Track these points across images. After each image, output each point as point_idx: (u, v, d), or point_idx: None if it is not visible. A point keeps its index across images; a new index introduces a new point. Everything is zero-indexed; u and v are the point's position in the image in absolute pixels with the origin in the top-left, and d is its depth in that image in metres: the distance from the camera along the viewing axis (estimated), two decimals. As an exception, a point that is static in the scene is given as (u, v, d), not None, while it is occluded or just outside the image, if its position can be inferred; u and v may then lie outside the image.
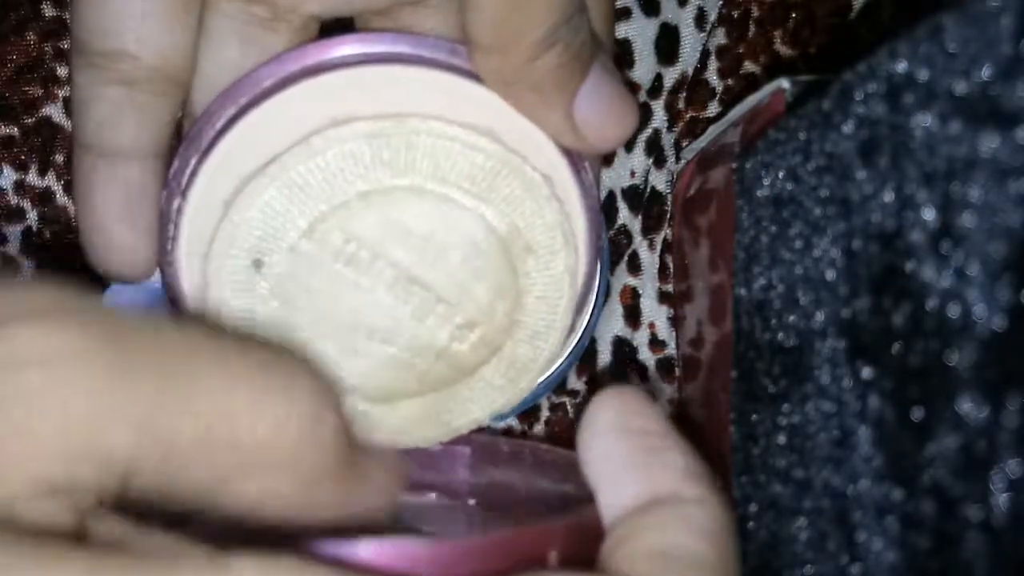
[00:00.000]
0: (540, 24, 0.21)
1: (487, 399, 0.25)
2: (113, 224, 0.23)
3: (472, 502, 0.26)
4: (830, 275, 0.20)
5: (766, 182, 0.24)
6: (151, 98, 0.23)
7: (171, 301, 0.24)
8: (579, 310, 0.25)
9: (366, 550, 0.18)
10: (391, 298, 0.23)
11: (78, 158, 0.23)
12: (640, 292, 0.32)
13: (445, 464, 0.27)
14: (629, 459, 0.20)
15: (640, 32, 0.32)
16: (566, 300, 0.24)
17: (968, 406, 0.16)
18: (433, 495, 0.26)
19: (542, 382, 0.26)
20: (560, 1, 0.21)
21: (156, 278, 0.24)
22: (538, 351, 0.25)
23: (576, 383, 0.32)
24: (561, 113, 0.22)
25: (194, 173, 0.22)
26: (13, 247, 0.31)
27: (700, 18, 0.32)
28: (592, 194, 0.24)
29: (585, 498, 0.20)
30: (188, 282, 0.23)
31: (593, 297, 0.26)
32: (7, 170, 0.31)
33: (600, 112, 0.23)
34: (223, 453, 0.17)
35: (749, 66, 0.32)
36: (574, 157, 0.24)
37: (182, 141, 0.23)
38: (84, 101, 0.23)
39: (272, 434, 0.17)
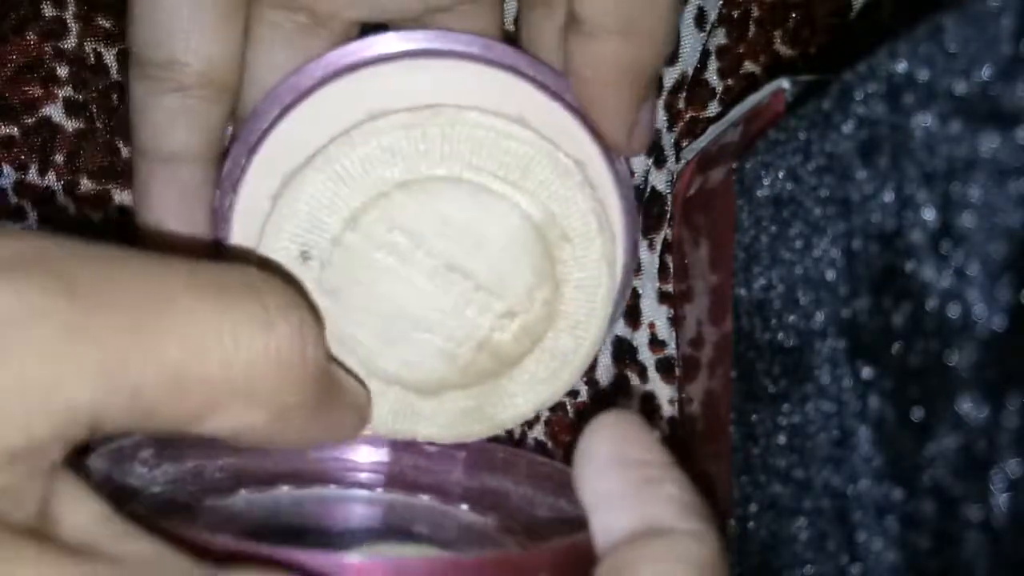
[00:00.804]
0: (665, 18, 0.22)
1: (531, 392, 0.25)
2: (169, 223, 0.24)
3: (464, 507, 0.26)
4: (830, 275, 0.20)
5: (766, 182, 0.24)
6: (202, 104, 0.24)
7: None
8: (620, 299, 0.26)
9: (356, 564, 0.18)
10: (432, 287, 0.24)
11: (136, 164, 0.25)
12: (640, 292, 0.32)
13: (440, 466, 0.27)
14: (625, 489, 0.20)
15: (640, 32, 0.32)
16: (604, 289, 0.25)
17: (968, 406, 0.16)
18: (426, 497, 0.26)
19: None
20: (674, 16, 0.22)
21: None
22: (579, 341, 0.25)
23: (576, 383, 0.32)
24: (645, 110, 0.23)
25: (243, 171, 0.23)
26: (13, 247, 0.31)
27: (700, 18, 0.32)
28: (627, 183, 0.25)
29: (577, 518, 0.21)
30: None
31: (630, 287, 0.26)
32: (7, 170, 0.31)
33: (648, 124, 0.24)
34: (195, 391, 0.17)
35: (749, 66, 0.32)
36: (608, 147, 0.25)
37: (232, 142, 0.24)
38: (140, 110, 0.24)
39: (249, 369, 0.17)
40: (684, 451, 0.32)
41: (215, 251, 0.24)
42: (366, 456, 0.27)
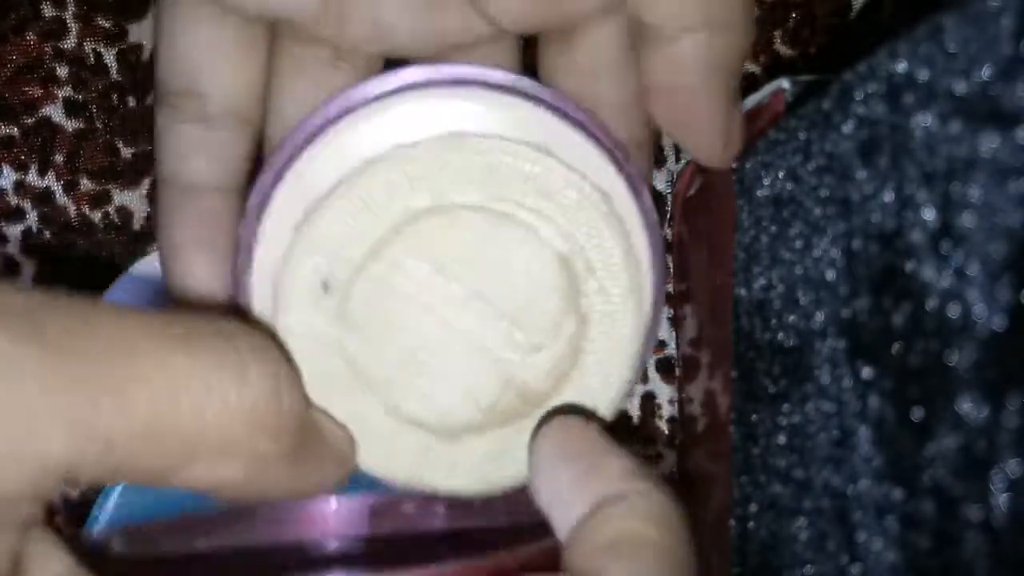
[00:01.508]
0: (744, 4, 0.21)
1: None
2: (189, 252, 0.24)
3: (441, 510, 0.26)
4: (830, 275, 0.20)
5: (766, 182, 0.24)
6: (224, 134, 0.24)
7: None
8: (650, 335, 0.24)
9: None
10: (455, 317, 0.23)
11: (159, 192, 0.25)
12: (640, 292, 0.32)
13: (421, 522, 0.26)
14: (573, 480, 0.21)
15: (640, 32, 0.32)
16: (631, 325, 0.23)
17: (968, 406, 0.16)
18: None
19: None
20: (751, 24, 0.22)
21: (155, 265, 0.24)
22: (607, 379, 0.24)
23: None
24: (737, 111, 0.23)
25: (267, 200, 0.23)
26: (13, 247, 0.31)
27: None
28: (652, 216, 0.24)
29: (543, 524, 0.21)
30: (259, 308, 0.23)
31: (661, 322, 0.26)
32: (7, 170, 0.31)
33: (742, 123, 0.23)
34: (168, 442, 0.16)
35: (749, 66, 0.32)
36: (634, 179, 0.24)
37: (258, 173, 0.24)
38: (162, 139, 0.24)
39: (222, 419, 0.17)
40: (684, 451, 0.32)
41: (234, 282, 0.24)
42: (342, 526, 0.25)
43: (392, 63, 0.25)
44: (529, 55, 0.26)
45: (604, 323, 0.23)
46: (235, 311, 0.23)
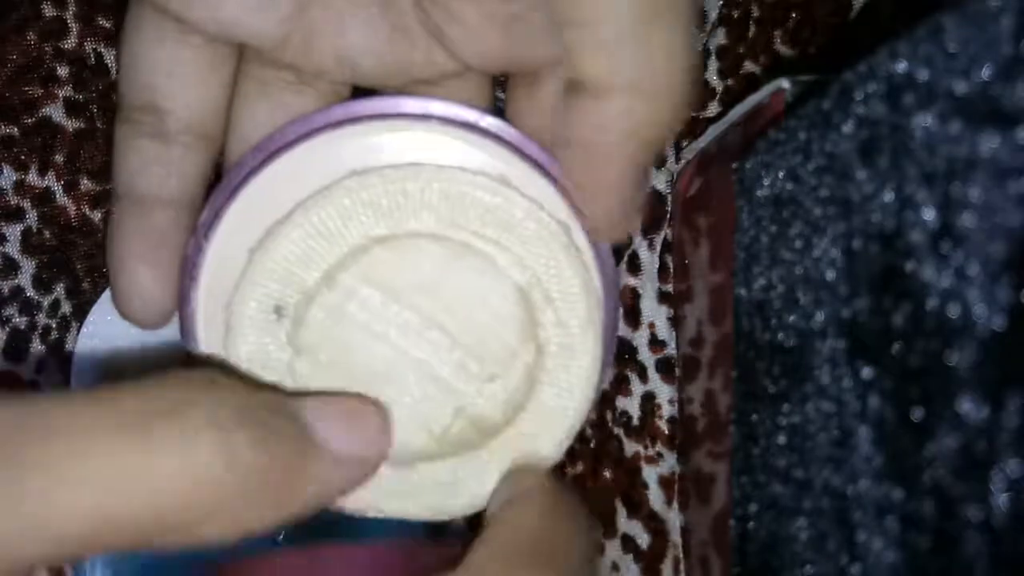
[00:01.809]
0: (681, 74, 0.20)
1: (511, 465, 0.24)
2: (136, 266, 0.24)
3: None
4: (830, 275, 0.20)
5: (766, 182, 0.24)
6: (181, 151, 0.24)
7: (186, 346, 0.24)
8: (604, 366, 0.24)
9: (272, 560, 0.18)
10: (409, 346, 0.23)
11: (112, 207, 0.25)
12: (640, 292, 0.32)
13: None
14: None
15: (640, 32, 0.32)
16: (589, 356, 0.23)
17: (968, 406, 0.16)
18: None
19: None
20: (687, 87, 0.20)
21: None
22: (565, 411, 0.23)
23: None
24: (643, 187, 0.22)
25: (217, 219, 0.23)
26: (13, 247, 0.31)
27: (700, 18, 0.32)
28: (606, 249, 0.24)
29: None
30: (205, 330, 0.23)
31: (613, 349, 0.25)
32: (7, 170, 0.31)
33: (644, 201, 0.22)
34: (127, 529, 0.16)
35: (749, 66, 0.32)
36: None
37: (212, 192, 0.24)
38: (120, 152, 0.24)
39: (178, 499, 0.17)
40: (684, 451, 0.32)
41: (179, 299, 0.24)
42: None
43: (361, 90, 0.25)
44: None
45: (562, 354, 0.23)
46: (187, 351, 0.23)
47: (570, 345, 0.23)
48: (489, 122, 0.23)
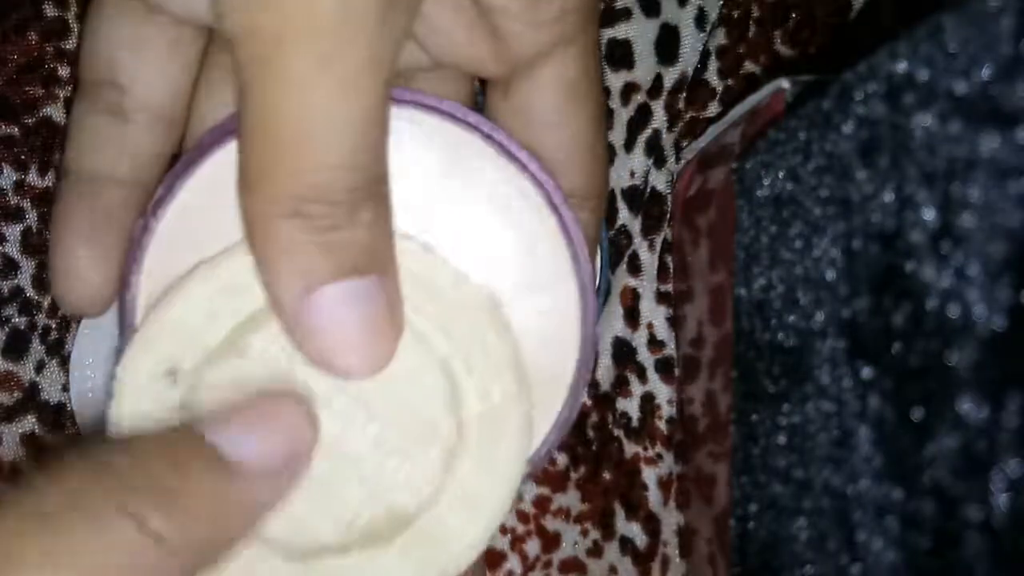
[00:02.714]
0: (290, 179, 0.18)
1: (414, 564, 0.21)
2: (74, 245, 0.23)
3: None
4: (830, 275, 0.20)
5: (766, 182, 0.24)
6: (137, 129, 0.23)
7: (121, 328, 0.22)
8: (535, 462, 0.22)
9: None
10: (320, 416, 0.21)
11: (60, 182, 0.24)
12: (640, 292, 0.32)
13: None
14: None
15: (640, 32, 0.32)
16: (516, 431, 0.21)
17: (968, 406, 0.16)
18: None
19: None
20: (323, 171, 0.18)
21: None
22: (490, 490, 0.21)
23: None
24: (285, 292, 0.19)
25: (169, 197, 0.22)
26: (13, 247, 0.31)
27: (700, 18, 0.32)
28: (586, 268, 0.22)
29: None
30: (143, 313, 0.22)
31: (554, 442, 0.23)
32: (7, 170, 0.31)
33: (332, 334, 0.19)
34: None
35: (749, 66, 0.32)
36: (568, 223, 0.22)
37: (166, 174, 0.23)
38: (75, 128, 0.24)
39: None
40: (684, 451, 0.32)
41: (122, 279, 0.22)
42: None
43: None
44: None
45: (486, 430, 0.21)
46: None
47: (494, 419, 0.21)
48: (461, 110, 0.22)
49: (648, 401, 0.32)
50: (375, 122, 0.18)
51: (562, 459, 0.32)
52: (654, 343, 0.32)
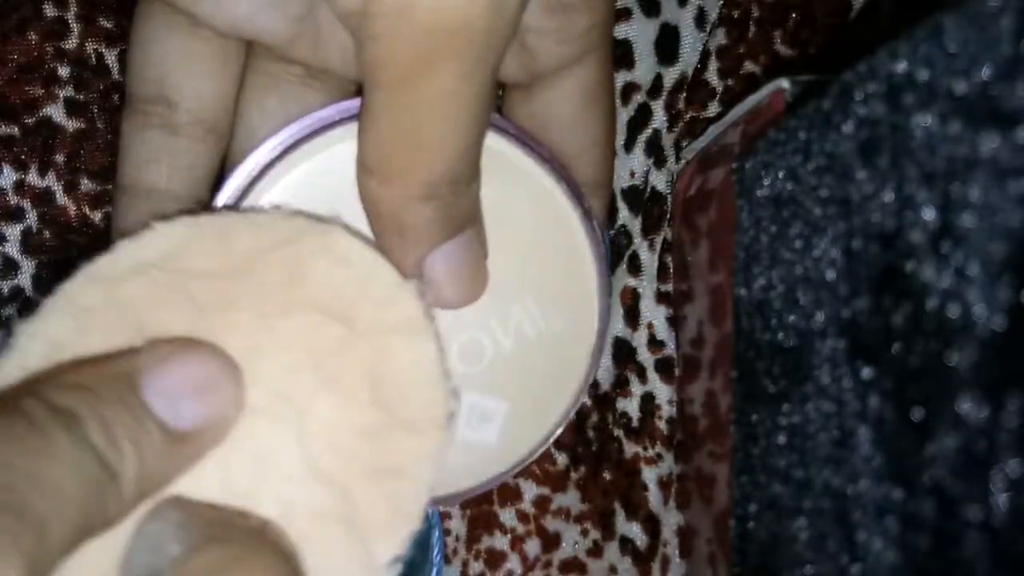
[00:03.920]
0: (427, 171, 0.21)
1: None
2: None
3: None
4: (830, 275, 0.20)
5: (766, 182, 0.24)
6: (189, 143, 0.24)
7: None
8: (562, 426, 0.25)
9: None
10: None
11: (116, 199, 0.24)
12: (640, 292, 0.32)
13: None
14: None
15: (640, 32, 0.32)
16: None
17: (968, 406, 0.16)
18: None
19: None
20: (451, 161, 0.21)
21: None
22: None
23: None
24: (412, 261, 0.22)
25: (238, 206, 0.23)
26: (13, 247, 0.31)
27: (700, 18, 0.32)
28: (600, 243, 0.25)
29: None
30: None
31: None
32: (7, 170, 0.31)
33: (448, 277, 0.22)
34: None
35: (749, 66, 0.32)
36: (588, 209, 0.24)
37: (221, 184, 0.24)
38: (128, 144, 0.24)
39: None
40: (684, 451, 0.32)
41: None
42: None
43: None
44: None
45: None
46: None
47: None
48: (494, 117, 0.23)
49: (648, 401, 0.32)
50: (487, 116, 0.22)
51: (562, 459, 0.32)
52: (654, 343, 0.32)
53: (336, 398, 0.21)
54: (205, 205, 0.24)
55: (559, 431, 0.25)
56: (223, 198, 0.23)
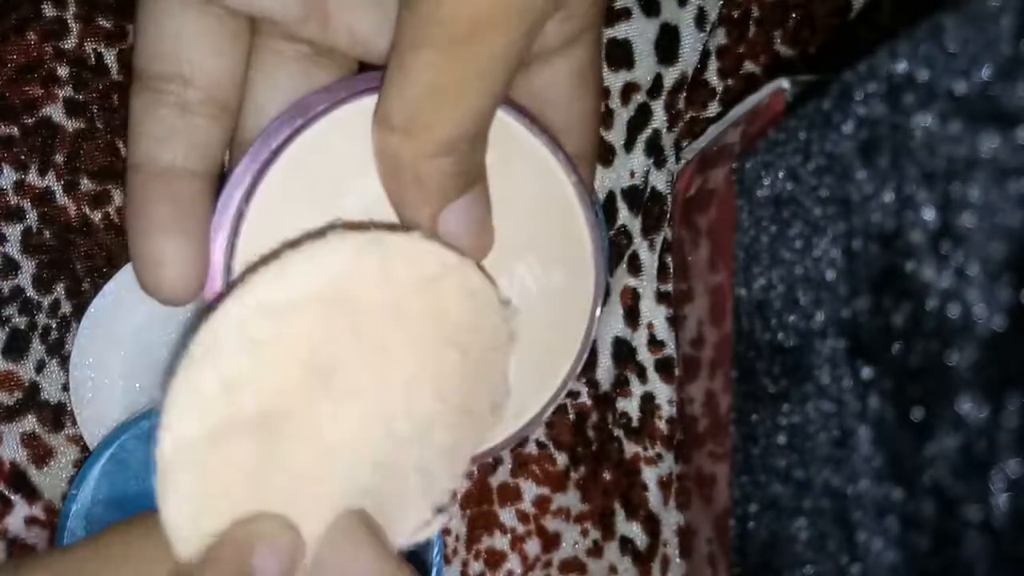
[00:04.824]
0: (451, 125, 0.22)
1: None
2: (161, 235, 0.23)
3: None
4: (830, 275, 0.20)
5: (766, 182, 0.24)
6: (202, 121, 0.24)
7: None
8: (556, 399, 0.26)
9: None
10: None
11: (130, 179, 0.24)
12: (640, 292, 0.32)
13: None
14: None
15: (640, 32, 0.32)
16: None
17: (968, 406, 0.16)
18: None
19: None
20: (473, 118, 0.22)
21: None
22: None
23: (577, 384, 0.32)
24: (429, 213, 0.23)
25: (256, 185, 0.23)
26: (13, 247, 0.31)
27: (700, 18, 0.32)
28: (596, 212, 0.25)
29: None
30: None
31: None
32: (7, 170, 0.31)
33: (462, 230, 0.23)
34: None
35: (749, 66, 0.32)
36: (582, 182, 0.25)
37: (239, 160, 0.24)
38: (138, 124, 0.24)
39: None
40: (684, 451, 0.32)
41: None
42: None
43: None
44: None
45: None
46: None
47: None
48: None
49: (648, 401, 0.32)
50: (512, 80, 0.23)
51: (562, 459, 0.32)
52: (654, 343, 0.32)
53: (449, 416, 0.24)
54: (220, 174, 0.25)
55: (568, 387, 0.26)
56: (246, 176, 0.24)
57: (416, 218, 0.23)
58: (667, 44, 0.32)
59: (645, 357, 0.32)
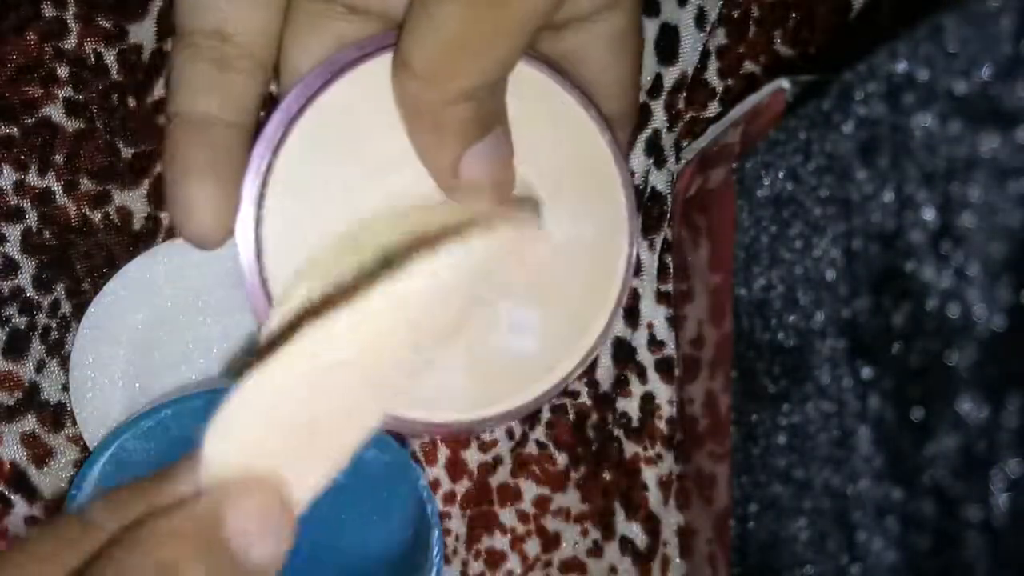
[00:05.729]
0: (472, 75, 0.22)
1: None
2: (197, 178, 0.24)
3: None
4: (830, 275, 0.20)
5: (766, 182, 0.24)
6: (239, 77, 0.25)
7: (253, 259, 0.25)
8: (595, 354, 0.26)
9: None
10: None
11: (169, 127, 0.25)
12: (640, 292, 0.32)
13: None
14: None
15: (640, 32, 0.32)
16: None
17: (968, 406, 0.16)
18: None
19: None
20: (493, 66, 0.22)
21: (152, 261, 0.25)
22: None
23: (576, 384, 0.32)
24: (449, 158, 0.24)
25: (285, 138, 0.24)
26: (13, 247, 0.31)
27: (700, 18, 0.32)
28: (626, 169, 0.26)
29: None
30: (275, 256, 0.25)
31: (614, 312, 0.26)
32: (7, 170, 0.31)
33: (483, 172, 0.24)
34: None
35: (749, 66, 0.32)
36: (617, 140, 0.26)
37: (272, 115, 0.25)
38: (180, 75, 0.25)
39: None
40: (684, 451, 0.32)
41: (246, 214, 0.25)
42: None
43: None
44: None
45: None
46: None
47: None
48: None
49: (648, 401, 0.32)
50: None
51: (562, 459, 0.32)
52: (654, 343, 0.32)
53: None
54: (255, 129, 0.25)
55: (601, 346, 0.26)
56: (277, 119, 0.25)
57: (438, 165, 0.24)
58: (667, 44, 0.32)
59: (645, 357, 0.32)
